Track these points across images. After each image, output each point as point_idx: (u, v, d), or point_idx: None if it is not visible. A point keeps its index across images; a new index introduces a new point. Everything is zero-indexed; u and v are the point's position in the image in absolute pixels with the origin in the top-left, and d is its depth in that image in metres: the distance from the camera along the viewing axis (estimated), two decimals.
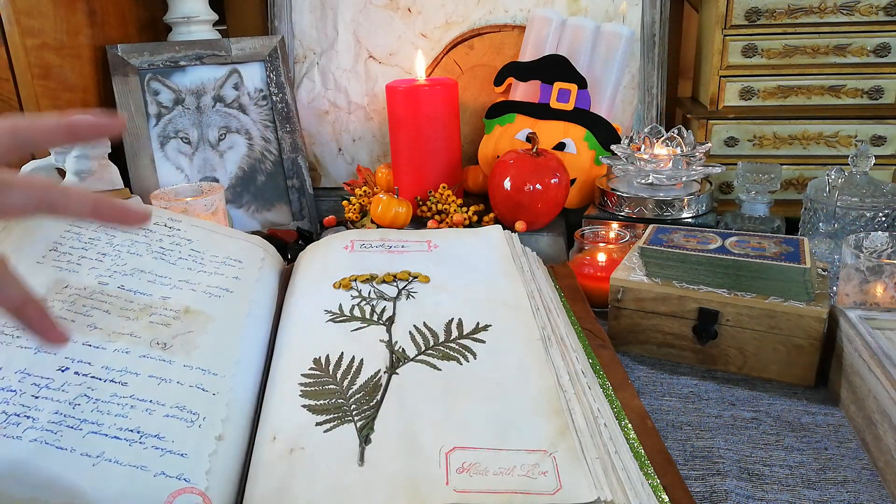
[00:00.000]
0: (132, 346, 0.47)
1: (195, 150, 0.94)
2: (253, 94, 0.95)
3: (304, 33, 1.00)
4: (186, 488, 0.37)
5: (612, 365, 0.54)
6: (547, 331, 0.53)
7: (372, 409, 0.44)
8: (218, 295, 0.55)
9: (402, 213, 0.81)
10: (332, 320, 0.54)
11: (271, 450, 0.41)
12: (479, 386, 0.46)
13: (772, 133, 0.89)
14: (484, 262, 0.63)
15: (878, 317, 0.54)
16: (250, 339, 0.53)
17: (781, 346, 0.57)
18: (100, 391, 0.42)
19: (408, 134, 0.85)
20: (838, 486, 0.46)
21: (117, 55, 0.91)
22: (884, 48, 0.84)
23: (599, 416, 0.45)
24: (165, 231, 0.61)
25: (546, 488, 0.37)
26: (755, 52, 0.87)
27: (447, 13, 0.97)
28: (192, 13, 0.97)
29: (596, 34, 0.91)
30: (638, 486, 0.39)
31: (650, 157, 0.81)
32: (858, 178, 0.71)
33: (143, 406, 0.42)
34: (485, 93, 0.98)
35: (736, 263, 0.58)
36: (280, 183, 0.97)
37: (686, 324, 0.61)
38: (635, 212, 0.80)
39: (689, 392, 0.57)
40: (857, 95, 0.86)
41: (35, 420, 0.39)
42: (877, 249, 0.62)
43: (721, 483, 0.46)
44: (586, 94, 0.89)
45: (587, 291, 0.70)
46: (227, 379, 0.47)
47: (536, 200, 0.79)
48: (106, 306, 0.50)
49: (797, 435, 0.51)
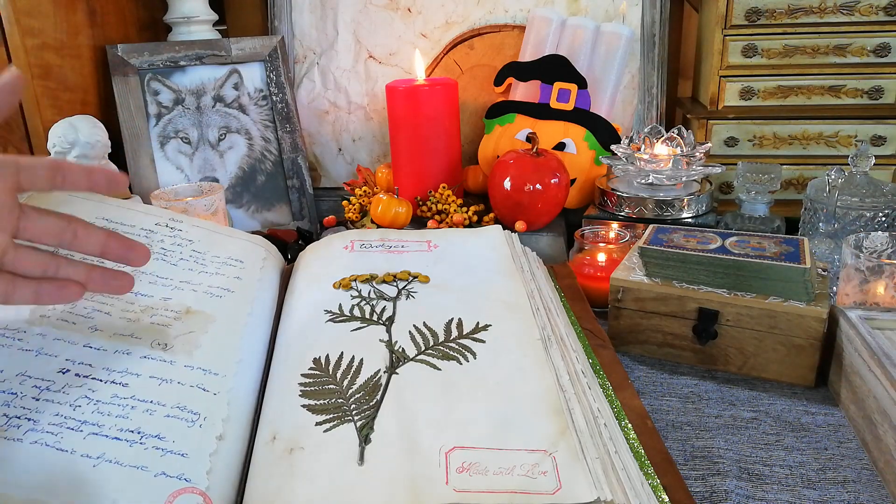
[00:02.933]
0: (133, 347, 0.47)
1: (195, 150, 0.94)
2: (253, 94, 0.95)
3: (304, 33, 1.00)
4: (187, 488, 0.38)
5: (612, 365, 0.54)
6: (547, 331, 0.53)
7: (372, 409, 0.44)
8: (219, 295, 0.55)
9: (402, 213, 0.81)
10: (332, 320, 0.54)
11: (271, 450, 0.41)
12: (479, 386, 0.46)
13: (772, 133, 0.89)
14: (484, 262, 0.63)
15: (878, 317, 0.54)
16: (251, 339, 0.53)
17: (781, 346, 0.57)
18: (100, 393, 0.42)
19: (408, 134, 0.85)
20: (838, 486, 0.46)
21: (117, 55, 0.91)
22: (884, 48, 0.84)
23: (599, 416, 0.45)
24: (167, 232, 0.61)
25: (546, 488, 0.37)
26: (755, 52, 0.87)
27: (447, 13, 0.97)
28: (192, 13, 0.97)
29: (596, 34, 0.91)
30: (638, 486, 0.39)
31: (650, 157, 0.81)
32: (858, 178, 0.71)
33: (144, 407, 0.42)
34: (485, 93, 0.98)
35: (736, 263, 0.58)
36: (280, 183, 0.97)
37: (686, 324, 0.61)
38: (635, 212, 0.80)
39: (689, 392, 0.57)
40: (857, 95, 0.86)
41: (36, 423, 0.39)
42: (877, 249, 0.62)
43: (721, 483, 0.46)
44: (586, 94, 0.89)
45: (587, 291, 0.70)
46: (227, 379, 0.47)
47: (536, 200, 0.79)
48: (107, 308, 0.50)
49: (797, 435, 0.51)
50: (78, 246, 0.42)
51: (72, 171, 0.40)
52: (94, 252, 0.42)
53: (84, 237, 0.42)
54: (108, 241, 0.43)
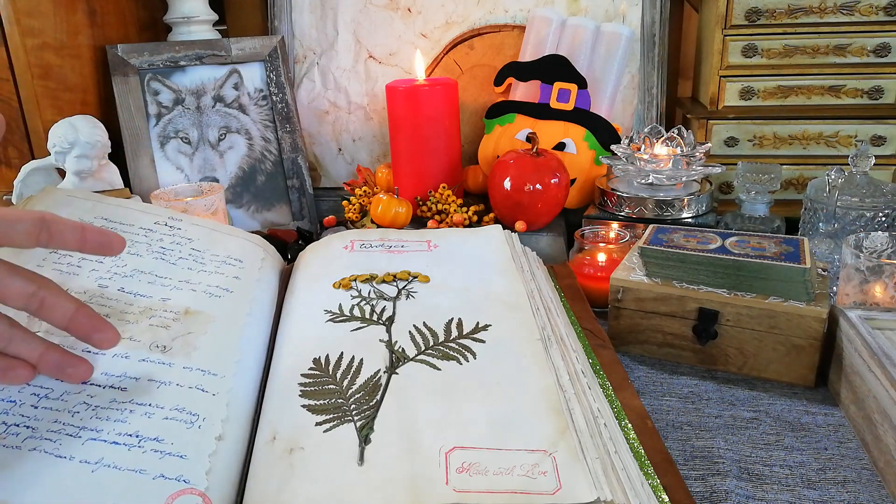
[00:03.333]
0: (132, 350, 0.47)
1: (195, 150, 0.94)
2: (253, 94, 0.95)
3: (304, 33, 1.00)
4: (186, 489, 0.37)
5: (612, 365, 0.54)
6: (547, 331, 0.53)
7: (372, 409, 0.44)
8: (218, 295, 0.55)
9: (402, 213, 0.81)
10: (332, 320, 0.54)
11: (271, 450, 0.41)
12: (479, 386, 0.46)
13: (772, 133, 0.89)
14: (484, 262, 0.63)
15: (878, 317, 0.54)
16: (250, 339, 0.53)
17: (781, 346, 0.57)
18: (99, 398, 0.42)
19: (408, 134, 0.85)
20: (838, 486, 0.46)
21: (117, 55, 0.91)
22: (884, 48, 0.84)
23: (599, 416, 0.45)
24: (166, 230, 0.61)
25: (546, 488, 0.37)
26: (755, 52, 0.87)
27: (447, 13, 0.97)
28: (192, 13, 0.97)
29: (596, 34, 0.91)
30: (638, 486, 0.39)
31: (650, 157, 0.81)
32: (858, 178, 0.71)
33: (143, 410, 0.42)
34: (485, 93, 0.98)
35: (736, 263, 0.58)
36: (280, 183, 0.97)
37: (686, 324, 0.61)
38: (635, 212, 0.80)
39: (689, 392, 0.57)
40: (857, 95, 0.86)
41: (35, 430, 0.39)
42: (877, 249, 0.62)
43: (721, 483, 0.46)
44: (586, 94, 0.89)
45: (587, 291, 0.70)
46: (227, 379, 0.47)
47: (536, 200, 0.79)
48: (106, 310, 0.50)
49: (797, 435, 0.51)
50: (44, 314, 0.38)
51: (60, 229, 0.37)
52: (60, 325, 0.39)
53: (51, 306, 0.38)
54: (77, 315, 0.39)
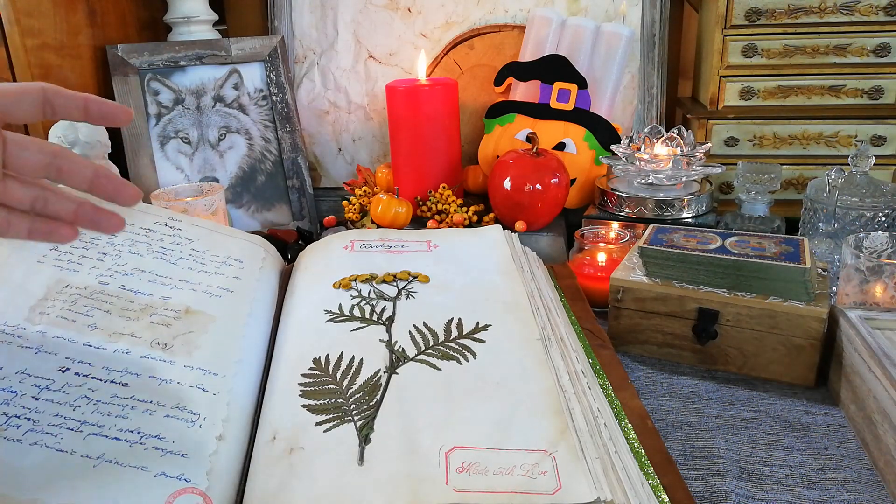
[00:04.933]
0: (133, 346, 0.47)
1: (195, 150, 0.94)
2: (253, 94, 0.95)
3: (304, 33, 1.00)
4: (187, 488, 0.37)
5: (612, 365, 0.54)
6: (547, 331, 0.53)
7: (372, 409, 0.44)
8: (219, 295, 0.55)
9: (402, 213, 0.81)
10: (332, 320, 0.54)
11: (271, 449, 0.41)
12: (479, 386, 0.46)
13: (772, 133, 0.89)
14: (484, 262, 0.63)
15: (878, 317, 0.54)
16: (251, 339, 0.53)
17: (781, 346, 0.57)
18: (100, 392, 0.42)
19: (408, 134, 0.85)
20: (838, 486, 0.46)
21: (117, 55, 0.91)
22: (884, 48, 0.84)
23: (599, 416, 0.45)
24: (166, 231, 0.61)
25: (546, 488, 0.37)
26: (755, 52, 0.87)
27: (447, 13, 0.97)
28: (192, 13, 0.97)
29: (596, 34, 0.91)
30: (638, 486, 0.39)
31: (650, 157, 0.81)
32: (858, 178, 0.71)
33: (144, 407, 0.42)
34: (485, 93, 0.98)
35: (736, 263, 0.58)
36: (280, 183, 0.97)
37: (686, 324, 0.61)
38: (635, 212, 0.80)
39: (689, 392, 0.57)
40: (857, 95, 0.86)
41: (36, 423, 0.39)
42: (877, 249, 0.62)
43: (721, 483, 0.46)
44: (586, 94, 0.89)
45: (587, 291, 0.70)
46: (227, 379, 0.47)
47: (536, 200, 0.79)
48: (106, 306, 0.50)
49: (797, 435, 0.51)
50: (65, 180, 0.38)
51: (63, 101, 0.38)
52: (83, 188, 0.39)
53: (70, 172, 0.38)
54: (96, 178, 0.39)
